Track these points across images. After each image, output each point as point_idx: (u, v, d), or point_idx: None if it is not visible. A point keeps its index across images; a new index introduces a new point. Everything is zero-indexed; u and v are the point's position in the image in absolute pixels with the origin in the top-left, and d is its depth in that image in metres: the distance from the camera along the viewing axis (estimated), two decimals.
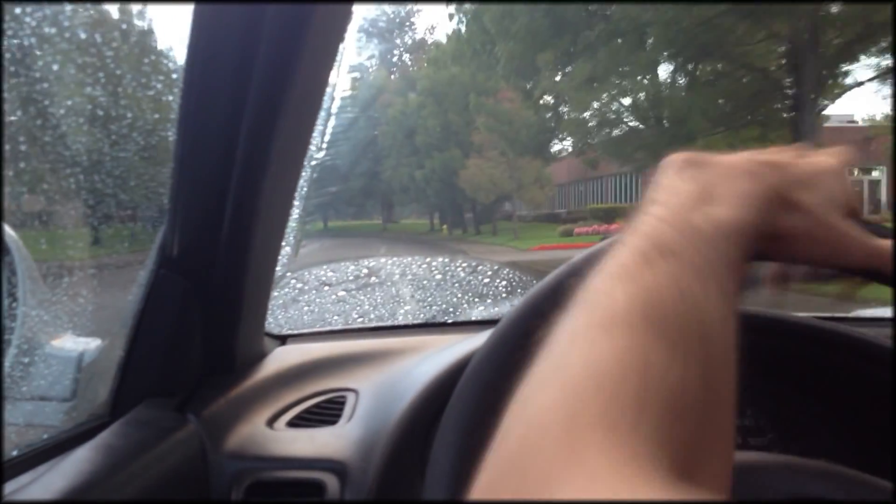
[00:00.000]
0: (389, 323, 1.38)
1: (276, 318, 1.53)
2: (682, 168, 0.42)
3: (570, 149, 21.87)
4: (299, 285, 1.87)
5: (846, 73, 13.27)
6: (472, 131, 24.75)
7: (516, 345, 0.55)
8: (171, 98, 0.70)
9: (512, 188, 23.37)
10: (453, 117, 27.32)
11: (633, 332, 0.29)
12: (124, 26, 0.76)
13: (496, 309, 1.68)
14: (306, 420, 0.88)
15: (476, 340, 0.81)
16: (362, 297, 1.86)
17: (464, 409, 0.56)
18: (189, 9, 0.61)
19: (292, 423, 0.87)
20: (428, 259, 2.27)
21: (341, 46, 0.71)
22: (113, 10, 0.77)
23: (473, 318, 1.34)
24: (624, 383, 0.27)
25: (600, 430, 0.25)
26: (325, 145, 0.89)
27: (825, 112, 14.14)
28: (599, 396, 0.26)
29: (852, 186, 0.46)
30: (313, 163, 0.87)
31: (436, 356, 0.91)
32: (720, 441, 0.29)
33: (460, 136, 27.01)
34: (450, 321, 1.27)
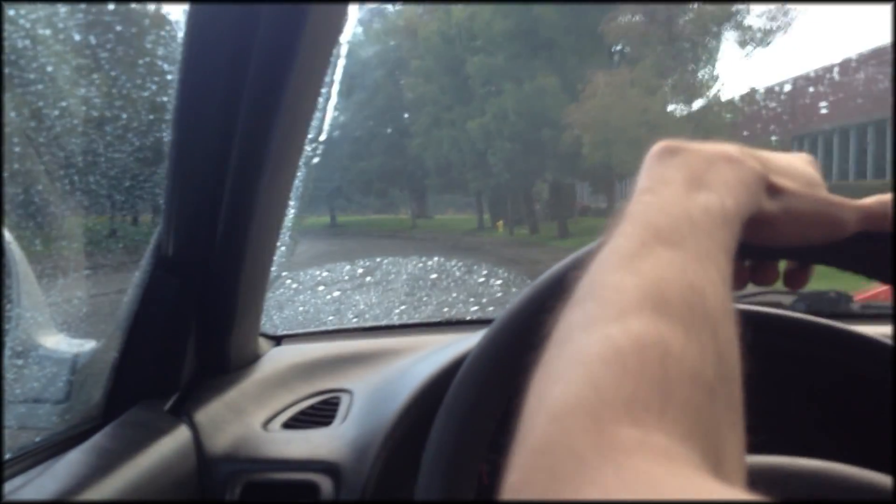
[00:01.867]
0: (384, 323, 1.38)
1: (272, 319, 1.53)
2: (664, 156, 0.42)
3: None
4: (294, 285, 1.87)
5: None
6: (608, 17, 12.30)
7: (511, 344, 0.55)
8: (165, 99, 0.70)
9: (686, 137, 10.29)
10: (544, 13, 13.55)
11: (646, 320, 0.28)
12: (119, 28, 0.76)
13: (491, 309, 1.68)
14: (301, 421, 0.88)
15: (471, 340, 0.81)
16: (357, 297, 1.86)
17: (458, 409, 0.56)
18: (184, 9, 0.61)
19: (287, 425, 0.87)
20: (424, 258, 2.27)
21: (337, 45, 0.71)
22: (107, 12, 0.77)
23: (468, 318, 1.34)
24: (645, 369, 0.26)
25: (627, 421, 0.24)
26: (319, 147, 0.89)
27: None
28: (622, 386, 0.25)
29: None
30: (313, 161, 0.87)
31: (430, 356, 0.91)
32: (737, 417, 0.29)
33: (555, 53, 14.03)
34: (444, 321, 1.27)
